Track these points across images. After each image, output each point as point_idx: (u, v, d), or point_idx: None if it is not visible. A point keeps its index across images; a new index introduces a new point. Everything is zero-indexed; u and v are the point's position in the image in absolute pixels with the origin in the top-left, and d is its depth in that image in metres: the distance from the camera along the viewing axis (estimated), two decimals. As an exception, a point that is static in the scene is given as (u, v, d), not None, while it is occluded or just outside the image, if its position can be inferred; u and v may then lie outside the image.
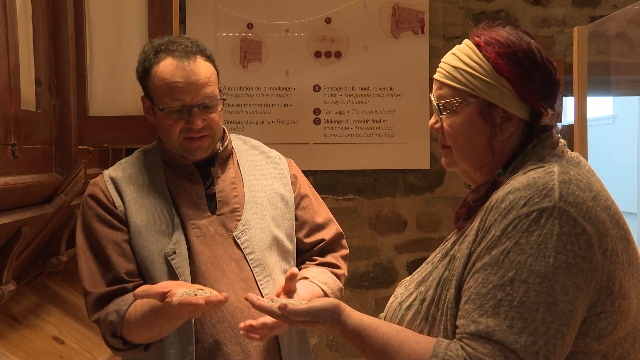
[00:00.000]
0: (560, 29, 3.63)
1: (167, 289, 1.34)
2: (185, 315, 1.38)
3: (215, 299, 1.30)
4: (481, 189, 1.21)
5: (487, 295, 1.07)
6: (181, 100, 1.53)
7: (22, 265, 2.18)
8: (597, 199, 1.12)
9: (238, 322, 1.52)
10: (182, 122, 1.55)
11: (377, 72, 3.50)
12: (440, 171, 3.58)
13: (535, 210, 1.08)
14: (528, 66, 1.18)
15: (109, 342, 1.52)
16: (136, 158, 1.67)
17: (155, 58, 1.56)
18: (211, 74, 1.58)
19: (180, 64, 1.53)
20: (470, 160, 1.25)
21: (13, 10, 1.76)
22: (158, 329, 1.46)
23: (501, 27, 1.24)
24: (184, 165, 1.61)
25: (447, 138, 1.26)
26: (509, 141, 1.21)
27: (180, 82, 1.52)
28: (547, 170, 1.13)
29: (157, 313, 1.41)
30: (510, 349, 1.04)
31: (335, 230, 1.76)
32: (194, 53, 1.56)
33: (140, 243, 1.54)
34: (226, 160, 1.67)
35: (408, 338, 1.15)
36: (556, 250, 1.06)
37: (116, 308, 1.47)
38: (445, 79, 1.24)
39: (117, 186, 1.59)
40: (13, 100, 1.74)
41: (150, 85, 1.57)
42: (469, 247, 1.15)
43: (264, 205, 1.64)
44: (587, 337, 1.10)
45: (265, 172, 1.71)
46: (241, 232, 1.59)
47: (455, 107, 1.22)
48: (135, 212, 1.56)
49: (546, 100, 1.20)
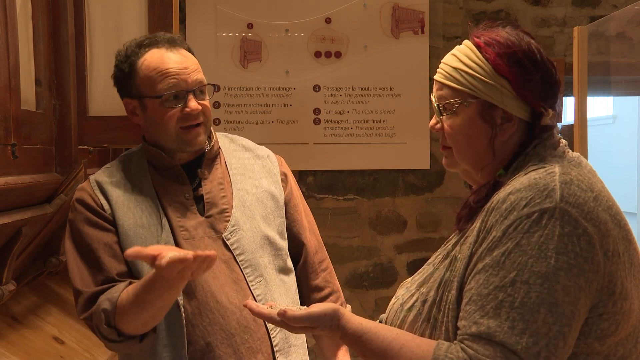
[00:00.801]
0: (560, 29, 3.63)
1: (157, 252, 1.30)
2: (176, 278, 1.34)
3: (203, 254, 1.28)
4: (482, 190, 1.21)
5: (488, 297, 1.07)
6: (176, 86, 1.53)
7: (22, 265, 2.17)
8: (599, 200, 1.11)
9: (229, 324, 1.52)
10: (178, 111, 1.54)
11: (377, 72, 3.50)
12: (440, 171, 3.58)
13: (537, 211, 1.08)
14: (528, 66, 1.18)
15: (103, 333, 1.48)
16: (122, 161, 1.66)
17: (140, 51, 1.56)
18: (197, 63, 1.59)
19: (169, 53, 1.55)
20: (471, 161, 1.24)
21: (13, 10, 1.76)
22: (151, 308, 1.43)
23: (501, 27, 1.24)
24: (170, 167, 1.60)
25: (448, 139, 1.25)
26: (510, 141, 1.21)
27: (173, 68, 1.53)
28: (549, 170, 1.13)
29: (149, 287, 1.39)
30: (511, 350, 1.04)
31: (314, 244, 1.75)
32: (178, 44, 1.59)
33: (128, 246, 1.51)
34: (213, 160, 1.65)
35: (408, 341, 1.15)
36: (557, 251, 1.05)
37: (108, 297, 1.46)
38: (445, 79, 1.24)
39: (104, 190, 1.58)
40: (13, 100, 1.74)
41: (139, 80, 1.56)
42: (470, 248, 1.15)
43: (253, 205, 1.63)
44: (588, 338, 1.10)
45: (253, 171, 1.69)
46: (230, 233, 1.58)
47: (456, 108, 1.21)
48: (123, 215, 1.55)
49: (546, 100, 1.20)
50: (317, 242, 1.77)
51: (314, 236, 1.76)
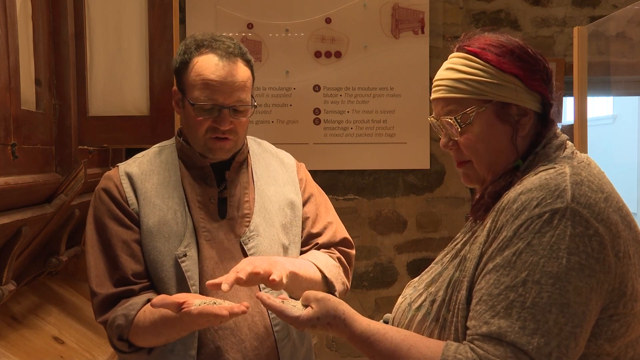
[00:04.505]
0: (560, 29, 3.63)
1: (183, 300, 1.33)
2: (204, 325, 1.37)
3: (239, 310, 1.29)
4: (500, 181, 1.21)
5: (499, 296, 1.07)
6: (213, 100, 1.52)
7: (22, 265, 2.17)
8: (609, 201, 1.11)
9: (241, 329, 1.52)
10: (210, 121, 1.54)
11: (377, 72, 3.50)
12: (440, 171, 3.58)
13: (548, 211, 1.07)
14: (529, 59, 1.21)
15: (115, 345, 1.50)
16: (153, 154, 1.65)
17: (196, 52, 1.54)
18: (247, 79, 1.56)
19: (220, 63, 1.52)
20: (493, 166, 1.23)
21: (13, 10, 1.76)
22: (166, 337, 1.45)
23: (481, 33, 1.26)
24: (200, 167, 1.60)
25: (466, 151, 1.24)
26: (527, 135, 1.22)
27: (216, 81, 1.51)
28: (559, 171, 1.13)
29: (168, 322, 1.39)
30: (522, 350, 1.03)
31: (331, 235, 1.70)
32: (235, 55, 1.54)
33: (151, 244, 1.53)
34: (241, 164, 1.65)
35: (417, 342, 1.14)
36: (569, 252, 1.05)
37: (124, 312, 1.46)
38: (450, 93, 1.23)
39: (132, 182, 1.57)
40: (13, 100, 1.74)
41: (186, 78, 1.55)
42: (480, 247, 1.14)
43: (274, 212, 1.62)
44: (599, 339, 1.09)
45: (277, 178, 1.68)
46: (248, 238, 1.57)
47: (472, 117, 1.21)
48: (149, 212, 1.54)
49: (549, 88, 1.23)
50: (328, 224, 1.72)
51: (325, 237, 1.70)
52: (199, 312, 1.29)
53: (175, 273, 1.51)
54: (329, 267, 1.59)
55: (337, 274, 1.62)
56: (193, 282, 1.50)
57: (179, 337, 1.46)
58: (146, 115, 2.24)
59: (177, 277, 1.51)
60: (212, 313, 1.28)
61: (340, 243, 1.71)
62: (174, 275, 1.51)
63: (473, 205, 1.25)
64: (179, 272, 1.51)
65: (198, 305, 1.31)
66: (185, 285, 1.50)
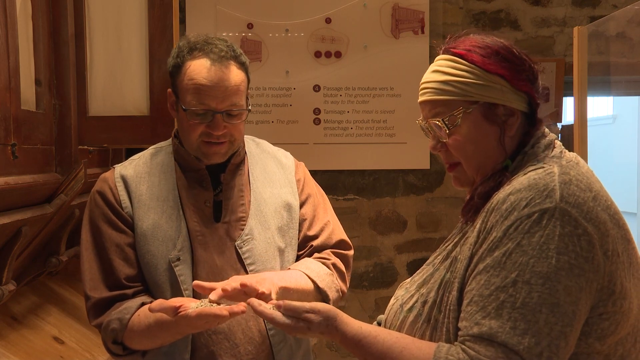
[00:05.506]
0: (560, 29, 3.63)
1: (179, 304, 1.32)
2: (201, 327, 1.36)
3: (238, 310, 1.29)
4: (489, 182, 1.21)
5: (489, 297, 1.07)
6: (206, 105, 1.50)
7: (22, 265, 2.17)
8: (598, 199, 1.12)
9: (234, 333, 1.51)
10: (203, 126, 1.52)
11: (377, 72, 3.50)
12: (440, 171, 3.58)
13: (537, 211, 1.08)
14: (513, 59, 1.22)
15: (109, 348, 1.51)
16: (149, 156, 1.64)
17: (188, 55, 1.53)
18: (241, 82, 1.54)
19: (212, 67, 1.49)
20: (483, 166, 1.24)
21: (13, 10, 1.76)
22: (161, 340, 1.45)
23: (466, 35, 1.27)
24: (196, 169, 1.59)
25: (455, 152, 1.25)
26: (515, 135, 1.23)
27: (208, 86, 1.49)
28: (548, 171, 1.14)
29: (163, 326, 1.39)
30: (513, 350, 1.04)
31: (327, 237, 1.68)
32: (227, 58, 1.52)
33: (145, 247, 1.53)
34: (238, 166, 1.63)
35: (409, 344, 1.15)
36: (558, 251, 1.06)
37: (119, 316, 1.46)
38: (437, 95, 1.24)
39: (127, 185, 1.57)
40: (13, 100, 1.74)
41: (179, 82, 1.54)
42: (470, 248, 1.15)
43: (270, 215, 1.61)
44: (589, 338, 1.10)
45: (274, 180, 1.67)
46: (243, 241, 1.56)
47: (459, 118, 1.21)
48: (143, 215, 1.54)
49: (535, 87, 1.23)
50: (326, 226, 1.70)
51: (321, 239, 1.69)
52: (197, 314, 1.29)
53: (169, 277, 1.51)
54: (322, 276, 1.57)
55: (331, 282, 1.59)
56: (186, 287, 1.50)
57: (174, 340, 1.46)
58: (146, 115, 2.24)
59: (171, 281, 1.51)
60: (212, 314, 1.28)
61: (336, 245, 1.70)
62: (168, 279, 1.51)
63: (463, 207, 1.25)
64: (173, 276, 1.51)
65: (195, 308, 1.31)
66: (179, 289, 1.50)
